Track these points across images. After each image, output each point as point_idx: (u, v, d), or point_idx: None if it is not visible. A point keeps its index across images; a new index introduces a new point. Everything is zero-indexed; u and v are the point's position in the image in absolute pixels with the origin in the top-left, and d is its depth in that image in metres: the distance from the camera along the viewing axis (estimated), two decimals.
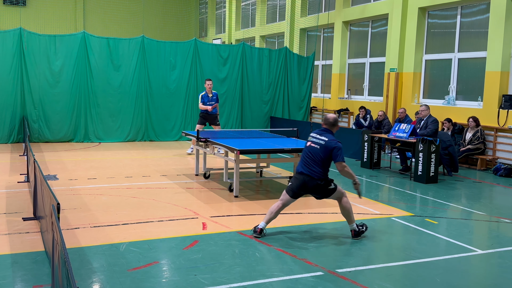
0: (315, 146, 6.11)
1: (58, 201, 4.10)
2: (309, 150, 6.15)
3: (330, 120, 6.23)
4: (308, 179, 6.06)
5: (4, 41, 13.59)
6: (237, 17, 26.35)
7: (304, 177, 6.08)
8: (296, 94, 17.30)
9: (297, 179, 6.15)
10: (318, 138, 6.16)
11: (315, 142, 6.15)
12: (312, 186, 6.07)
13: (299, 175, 6.14)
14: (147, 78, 15.00)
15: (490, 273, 5.41)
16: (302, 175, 6.10)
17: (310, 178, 6.06)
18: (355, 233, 6.25)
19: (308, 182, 6.06)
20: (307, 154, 6.15)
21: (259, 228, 6.17)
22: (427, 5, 13.99)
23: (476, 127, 11.88)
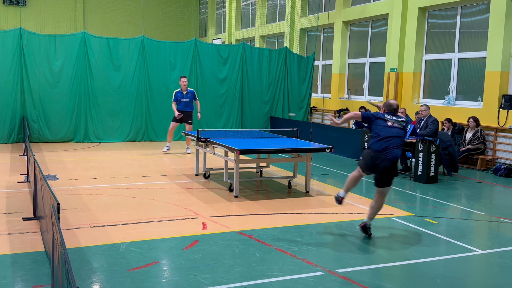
0: (398, 127, 6.22)
1: (58, 201, 4.10)
2: (392, 129, 6.18)
3: (394, 107, 6.42)
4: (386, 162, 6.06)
5: (4, 41, 13.58)
6: (237, 17, 26.35)
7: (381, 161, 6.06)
8: (296, 94, 17.30)
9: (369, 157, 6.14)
10: (399, 121, 6.28)
11: (396, 123, 6.24)
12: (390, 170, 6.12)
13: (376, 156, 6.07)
14: (147, 78, 15.00)
15: (490, 273, 5.41)
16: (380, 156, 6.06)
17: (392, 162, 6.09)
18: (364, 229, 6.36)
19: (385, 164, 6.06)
20: (390, 134, 6.14)
21: (341, 197, 6.41)
22: (427, 5, 13.99)
23: (476, 127, 11.88)
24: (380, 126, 6.21)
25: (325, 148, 8.65)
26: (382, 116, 6.30)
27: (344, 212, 7.57)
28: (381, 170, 6.11)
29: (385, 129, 6.17)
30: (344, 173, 10.92)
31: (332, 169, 11.36)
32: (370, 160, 6.15)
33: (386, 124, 6.20)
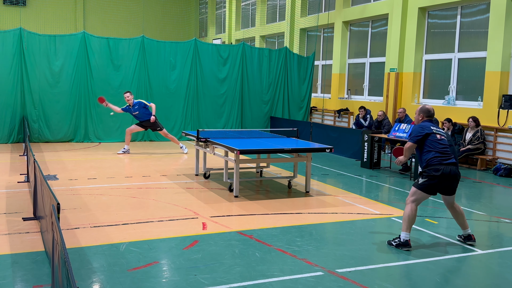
0: (445, 138, 6.09)
1: (58, 201, 4.10)
2: (443, 142, 6.03)
3: (432, 112, 6.26)
4: (455, 169, 5.95)
5: (4, 41, 13.58)
6: (237, 17, 26.35)
7: (452, 168, 5.91)
8: (296, 94, 17.30)
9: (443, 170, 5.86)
10: (441, 131, 6.14)
11: (442, 134, 6.11)
12: (457, 175, 5.98)
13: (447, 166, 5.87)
14: (147, 78, 15.00)
15: (490, 273, 5.41)
16: (450, 166, 5.90)
17: (456, 167, 5.99)
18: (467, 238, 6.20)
19: (456, 171, 5.95)
20: (442, 145, 5.99)
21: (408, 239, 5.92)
22: (427, 5, 13.99)
23: (476, 127, 11.88)
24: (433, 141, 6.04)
25: (325, 148, 8.65)
26: (429, 131, 6.06)
27: (344, 212, 7.57)
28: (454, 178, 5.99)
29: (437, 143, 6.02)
30: (344, 173, 10.92)
31: (332, 169, 11.36)
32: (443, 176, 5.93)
33: (436, 138, 6.03)
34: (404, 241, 5.89)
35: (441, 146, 5.98)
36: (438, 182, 5.87)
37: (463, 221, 6.17)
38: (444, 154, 5.94)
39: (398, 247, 5.90)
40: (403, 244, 5.89)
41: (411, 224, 5.94)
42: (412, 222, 5.95)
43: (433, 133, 6.03)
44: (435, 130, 6.07)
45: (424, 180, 5.92)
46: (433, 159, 5.91)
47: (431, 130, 6.05)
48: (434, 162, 5.90)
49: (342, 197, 8.51)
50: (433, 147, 5.97)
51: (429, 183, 5.89)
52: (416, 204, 6.00)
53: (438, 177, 5.85)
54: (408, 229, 5.92)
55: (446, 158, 5.92)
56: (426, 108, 6.24)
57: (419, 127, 6.13)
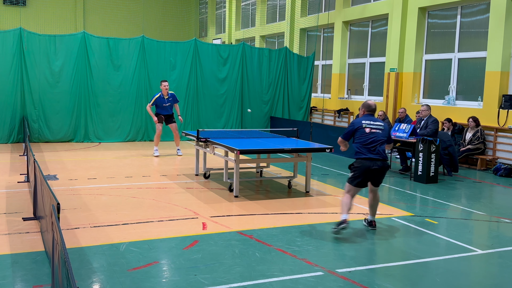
0: (377, 131, 6.41)
1: (58, 201, 4.10)
2: (372, 135, 6.38)
3: (373, 107, 6.60)
4: (383, 164, 6.34)
5: (4, 41, 13.58)
6: (237, 17, 26.35)
7: (377, 162, 6.30)
8: (296, 94, 17.30)
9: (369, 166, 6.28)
10: (376, 124, 6.48)
11: (375, 127, 6.43)
12: (385, 169, 6.41)
13: (372, 161, 6.28)
14: (147, 78, 15.00)
15: (490, 273, 5.41)
16: (375, 161, 6.29)
17: (385, 162, 6.37)
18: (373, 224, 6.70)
19: (381, 165, 6.33)
20: (370, 139, 6.35)
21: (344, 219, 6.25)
22: (427, 5, 13.99)
23: (476, 127, 11.88)
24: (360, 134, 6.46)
25: (325, 148, 8.65)
26: (359, 125, 6.47)
27: None
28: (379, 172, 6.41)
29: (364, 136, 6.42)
30: (344, 173, 10.92)
31: (332, 169, 11.36)
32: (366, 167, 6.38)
33: (365, 132, 6.42)
34: (341, 220, 6.24)
35: (367, 140, 6.34)
36: (361, 175, 6.34)
37: (375, 209, 6.68)
38: (368, 147, 6.32)
39: (338, 227, 6.21)
40: (340, 222, 6.24)
41: (346, 207, 6.34)
42: (347, 206, 6.34)
43: (361, 127, 6.42)
44: (366, 124, 6.42)
45: (352, 173, 6.44)
46: (358, 154, 6.37)
47: (360, 124, 6.44)
48: (358, 156, 6.37)
49: (342, 197, 8.49)
50: (360, 141, 6.39)
51: (355, 176, 6.39)
52: (350, 195, 6.44)
53: (361, 172, 6.32)
54: (344, 211, 6.31)
55: (369, 152, 6.30)
56: (367, 103, 6.61)
57: (352, 122, 6.60)
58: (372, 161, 6.29)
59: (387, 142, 6.51)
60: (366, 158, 6.30)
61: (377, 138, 6.37)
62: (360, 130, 6.42)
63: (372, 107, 6.59)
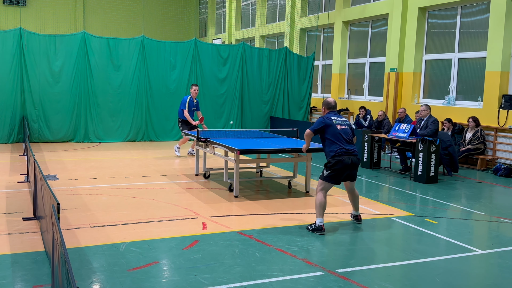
0: (346, 127, 6.62)
1: (58, 201, 4.10)
2: (343, 132, 6.55)
3: (333, 104, 6.78)
4: (356, 158, 6.54)
5: (4, 41, 13.58)
6: (237, 17, 26.35)
7: (353, 158, 6.48)
8: (296, 94, 17.30)
9: (344, 161, 6.42)
10: (343, 120, 6.68)
11: (343, 124, 6.62)
12: (358, 163, 6.59)
13: (347, 156, 6.42)
14: (147, 78, 15.00)
15: (490, 273, 5.41)
16: (351, 155, 6.46)
17: (357, 157, 6.57)
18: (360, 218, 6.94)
19: (357, 160, 6.56)
20: (342, 136, 6.51)
21: (322, 225, 6.39)
22: (427, 5, 13.99)
23: (476, 127, 11.88)
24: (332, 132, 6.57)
25: None
26: (329, 122, 6.57)
27: (344, 212, 7.57)
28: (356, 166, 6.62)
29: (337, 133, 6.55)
30: None
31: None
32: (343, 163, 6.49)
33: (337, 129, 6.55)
34: (319, 226, 6.37)
35: (338, 137, 6.50)
36: (341, 172, 6.45)
37: (357, 204, 6.90)
38: (343, 144, 6.48)
39: (314, 232, 6.37)
40: (318, 229, 6.36)
41: (322, 210, 6.43)
42: (323, 208, 6.44)
43: (332, 124, 6.54)
44: (336, 121, 6.58)
45: (329, 172, 6.47)
46: (338, 150, 6.44)
47: (331, 121, 6.56)
48: (338, 153, 6.43)
49: (342, 197, 8.51)
50: (335, 138, 6.49)
51: (334, 173, 6.46)
52: (325, 192, 6.52)
53: (341, 168, 6.43)
54: (321, 215, 6.42)
55: (346, 148, 6.48)
56: (327, 101, 6.78)
57: (321, 118, 6.67)
58: (349, 156, 6.45)
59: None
60: (343, 153, 6.42)
61: (347, 134, 6.59)
62: (332, 127, 6.53)
63: (332, 104, 6.76)
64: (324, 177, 6.51)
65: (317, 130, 6.61)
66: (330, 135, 6.50)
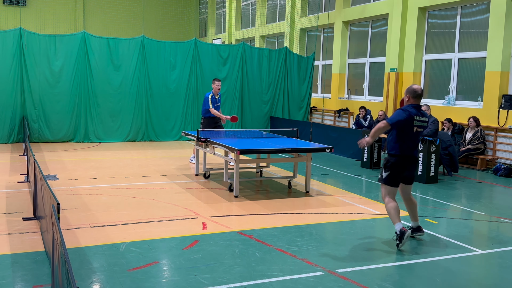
0: (421, 130, 6.04)
1: (58, 201, 4.10)
2: (416, 135, 6.02)
3: (419, 92, 5.98)
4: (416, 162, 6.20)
5: (4, 41, 13.58)
6: (237, 17, 26.35)
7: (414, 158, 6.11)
8: (296, 94, 17.30)
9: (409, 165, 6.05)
10: (421, 121, 6.00)
11: (420, 126, 5.99)
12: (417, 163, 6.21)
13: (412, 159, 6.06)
14: (147, 78, 15.00)
15: (490, 273, 5.41)
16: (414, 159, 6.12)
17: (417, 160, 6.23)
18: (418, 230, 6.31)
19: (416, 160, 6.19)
20: (413, 139, 6.01)
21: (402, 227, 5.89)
22: (427, 5, 13.99)
23: (476, 127, 11.88)
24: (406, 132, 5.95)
25: (325, 148, 8.65)
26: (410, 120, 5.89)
27: (344, 212, 7.57)
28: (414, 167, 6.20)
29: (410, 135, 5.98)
30: (344, 173, 10.92)
31: (332, 169, 11.36)
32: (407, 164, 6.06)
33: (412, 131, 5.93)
34: (401, 231, 5.84)
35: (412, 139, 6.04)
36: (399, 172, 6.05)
37: (415, 213, 6.32)
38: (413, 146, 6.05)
39: (401, 240, 5.81)
40: (401, 234, 5.82)
41: (397, 214, 6.00)
42: (397, 212, 6.01)
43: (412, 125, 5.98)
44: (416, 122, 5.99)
45: (388, 172, 6.05)
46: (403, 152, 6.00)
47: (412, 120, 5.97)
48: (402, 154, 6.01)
49: (342, 197, 8.51)
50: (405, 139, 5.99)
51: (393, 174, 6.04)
52: (391, 196, 6.09)
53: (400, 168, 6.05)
54: (397, 219, 5.97)
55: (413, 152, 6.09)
56: (413, 89, 6.03)
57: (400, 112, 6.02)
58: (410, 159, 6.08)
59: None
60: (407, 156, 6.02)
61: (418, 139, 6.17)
62: (410, 126, 5.88)
63: (418, 92, 5.98)
64: (383, 179, 6.04)
65: (394, 124, 5.84)
66: (402, 133, 5.87)
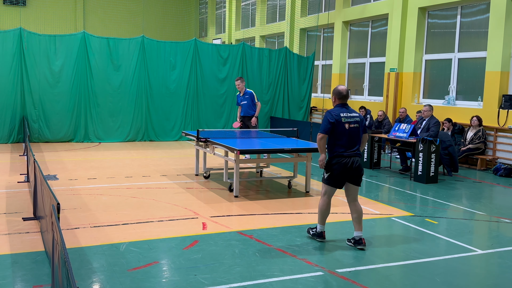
0: (355, 125, 5.91)
1: (58, 201, 4.10)
2: (351, 131, 5.87)
3: (344, 93, 6.03)
4: (358, 160, 5.89)
5: (4, 41, 13.58)
6: (237, 17, 26.35)
7: (354, 159, 5.86)
8: (296, 94, 17.30)
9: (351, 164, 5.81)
10: (353, 117, 5.94)
11: (353, 121, 5.91)
12: (360, 167, 5.92)
13: (349, 158, 5.82)
14: (147, 78, 15.00)
15: (490, 273, 5.41)
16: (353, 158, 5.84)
17: (360, 158, 5.97)
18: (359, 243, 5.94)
19: (358, 163, 5.90)
20: (348, 136, 5.85)
21: (322, 232, 6.05)
22: (427, 5, 13.99)
23: (479, 126, 11.87)
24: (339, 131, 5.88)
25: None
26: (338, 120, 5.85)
27: (344, 212, 7.57)
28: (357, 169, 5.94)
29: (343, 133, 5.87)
30: None
31: None
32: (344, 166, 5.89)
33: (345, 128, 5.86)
34: (319, 233, 6.09)
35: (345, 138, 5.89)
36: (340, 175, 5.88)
37: (360, 222, 5.97)
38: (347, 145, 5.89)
39: (313, 237, 6.11)
40: (318, 235, 6.08)
41: (323, 216, 6.06)
42: (323, 215, 6.05)
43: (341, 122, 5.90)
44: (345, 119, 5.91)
45: (328, 173, 5.96)
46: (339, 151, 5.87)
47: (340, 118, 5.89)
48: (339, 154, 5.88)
49: (342, 197, 8.50)
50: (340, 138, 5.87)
51: (333, 176, 5.92)
52: (327, 197, 6.03)
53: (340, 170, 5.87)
54: (321, 221, 6.07)
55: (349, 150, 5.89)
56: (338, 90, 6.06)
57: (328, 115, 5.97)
58: (350, 158, 5.87)
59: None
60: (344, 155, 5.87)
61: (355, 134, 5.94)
62: (340, 125, 5.86)
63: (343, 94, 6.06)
64: (324, 179, 6.01)
65: (327, 130, 5.84)
66: (335, 134, 5.83)
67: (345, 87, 6.16)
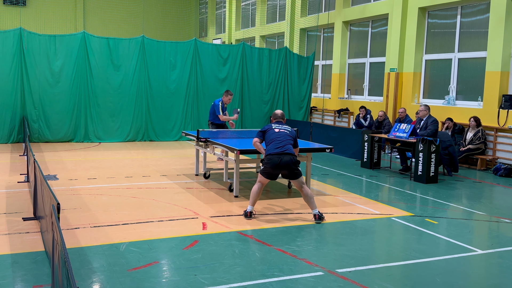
0: (284, 131, 7.27)
1: (58, 201, 4.10)
2: (280, 134, 7.20)
3: (279, 115, 7.60)
4: (287, 158, 6.92)
5: (4, 41, 13.59)
6: (237, 17, 26.35)
7: (282, 157, 6.93)
8: (296, 94, 17.30)
9: (273, 160, 6.94)
10: (283, 127, 7.37)
11: (282, 129, 7.32)
12: (293, 162, 6.95)
13: (280, 155, 6.94)
14: (147, 78, 15.00)
15: (490, 273, 5.41)
16: (281, 155, 6.94)
17: (292, 156, 6.99)
18: (319, 217, 6.90)
19: (288, 160, 6.91)
20: (277, 138, 7.13)
21: (249, 211, 7.00)
22: (427, 5, 13.99)
23: (477, 127, 11.88)
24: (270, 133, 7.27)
25: (325, 148, 8.65)
26: (269, 128, 7.32)
27: (344, 212, 7.57)
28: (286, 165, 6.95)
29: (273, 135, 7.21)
30: (344, 173, 10.92)
31: (332, 169, 11.36)
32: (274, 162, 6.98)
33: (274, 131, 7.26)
34: (246, 212, 7.01)
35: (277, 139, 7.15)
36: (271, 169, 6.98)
37: (311, 202, 7.00)
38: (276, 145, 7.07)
39: (245, 216, 6.99)
40: (245, 214, 7.00)
41: (253, 198, 7.03)
42: (254, 197, 7.02)
43: (271, 128, 7.29)
44: (275, 127, 7.32)
45: (262, 168, 7.13)
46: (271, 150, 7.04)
47: (270, 126, 7.34)
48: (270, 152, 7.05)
49: (342, 197, 8.51)
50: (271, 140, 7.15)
51: (266, 170, 7.04)
52: (260, 184, 7.07)
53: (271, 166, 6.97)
54: (251, 202, 7.03)
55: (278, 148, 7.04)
56: (274, 113, 7.65)
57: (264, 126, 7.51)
58: (279, 155, 6.94)
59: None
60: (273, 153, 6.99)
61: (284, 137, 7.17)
62: (270, 130, 7.28)
63: (278, 115, 7.58)
64: (260, 170, 7.15)
65: (260, 134, 7.33)
66: (268, 137, 7.21)
67: (281, 111, 7.77)
